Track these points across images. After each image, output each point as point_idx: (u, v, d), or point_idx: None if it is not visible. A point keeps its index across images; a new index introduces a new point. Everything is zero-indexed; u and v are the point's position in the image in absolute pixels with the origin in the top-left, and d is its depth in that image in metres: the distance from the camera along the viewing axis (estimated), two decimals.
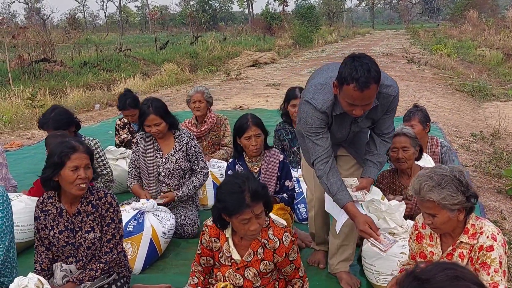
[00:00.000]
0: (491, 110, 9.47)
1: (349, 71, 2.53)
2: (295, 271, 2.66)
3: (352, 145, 3.20)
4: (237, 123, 3.73)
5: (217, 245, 2.61)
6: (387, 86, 2.79)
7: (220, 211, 2.43)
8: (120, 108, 5.20)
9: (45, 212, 2.82)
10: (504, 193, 5.01)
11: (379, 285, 3.12)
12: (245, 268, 2.57)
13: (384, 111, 2.90)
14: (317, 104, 2.79)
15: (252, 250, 2.56)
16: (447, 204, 2.25)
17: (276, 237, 2.54)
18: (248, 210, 2.36)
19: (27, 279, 2.47)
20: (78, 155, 2.66)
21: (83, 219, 2.79)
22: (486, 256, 2.31)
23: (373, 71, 2.52)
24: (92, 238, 2.79)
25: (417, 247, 2.59)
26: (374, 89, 2.57)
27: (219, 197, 2.43)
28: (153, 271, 3.57)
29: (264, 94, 11.66)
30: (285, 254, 2.55)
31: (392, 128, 3.06)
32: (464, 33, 29.63)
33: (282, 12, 38.39)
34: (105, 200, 2.81)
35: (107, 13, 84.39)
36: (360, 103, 2.61)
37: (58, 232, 2.79)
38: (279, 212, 3.60)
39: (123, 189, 4.98)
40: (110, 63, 17.17)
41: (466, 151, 6.50)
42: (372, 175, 3.03)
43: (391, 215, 3.10)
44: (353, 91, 2.54)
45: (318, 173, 2.94)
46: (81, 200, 2.79)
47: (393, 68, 15.55)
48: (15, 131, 8.80)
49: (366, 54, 2.64)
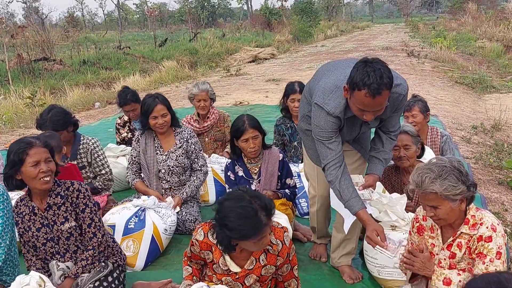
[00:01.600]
0: (491, 102, 9.46)
1: (361, 76, 2.47)
2: (291, 272, 2.60)
3: (357, 141, 3.18)
4: (233, 125, 3.68)
5: (210, 257, 2.52)
6: (396, 85, 2.72)
7: (235, 239, 2.26)
8: (121, 104, 5.18)
9: (21, 214, 2.85)
10: (505, 185, 5.01)
11: (381, 278, 3.12)
12: (246, 276, 2.50)
13: (393, 110, 2.86)
14: (329, 109, 2.73)
15: (255, 258, 2.49)
16: (449, 194, 2.25)
17: (278, 240, 2.48)
18: (266, 228, 2.28)
19: (28, 277, 2.48)
20: (36, 149, 2.66)
21: (55, 211, 2.80)
22: (483, 247, 2.32)
23: (385, 77, 2.46)
24: (68, 228, 2.80)
25: (418, 239, 2.60)
26: (386, 95, 2.52)
27: (229, 226, 2.22)
28: (155, 267, 3.57)
29: (264, 89, 11.64)
30: (287, 254, 2.51)
31: (398, 125, 3.03)
32: (463, 26, 29.53)
33: (281, 7, 38.24)
34: (73, 188, 2.82)
35: (106, 11, 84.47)
36: (371, 109, 2.57)
37: (36, 230, 2.82)
38: (281, 208, 3.60)
39: (124, 186, 4.98)
40: (110, 61, 17.16)
41: (467, 143, 6.49)
42: (377, 171, 3.01)
43: (393, 208, 3.10)
44: (364, 97, 2.49)
45: (330, 178, 2.86)
46: (49, 194, 2.80)
47: (393, 61, 15.50)
48: (15, 131, 8.80)
49: (379, 58, 2.57)
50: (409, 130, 3.44)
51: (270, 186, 3.74)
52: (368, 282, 3.23)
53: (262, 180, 3.73)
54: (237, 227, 2.20)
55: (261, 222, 2.22)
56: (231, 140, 3.74)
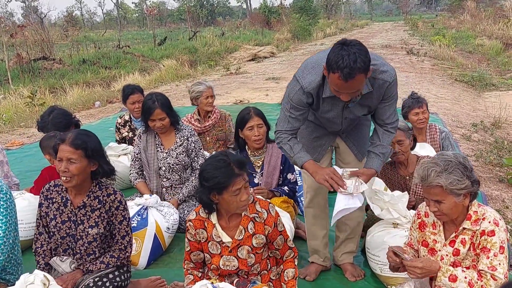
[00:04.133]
0: (491, 99, 9.47)
1: (336, 59, 2.46)
2: (285, 244, 2.69)
3: (351, 137, 3.12)
4: (239, 115, 3.76)
5: (204, 235, 2.63)
6: (382, 72, 2.70)
7: (211, 190, 2.46)
8: (129, 93, 5.18)
9: (50, 199, 2.82)
10: (506, 182, 5.03)
11: (384, 275, 3.13)
12: (238, 248, 2.59)
13: (380, 98, 2.80)
14: (303, 83, 2.76)
15: (243, 227, 2.58)
16: (454, 188, 2.26)
17: (263, 209, 2.61)
18: (239, 179, 2.44)
19: (33, 276, 2.48)
20: (63, 147, 2.65)
21: (87, 213, 2.78)
22: (487, 241, 2.33)
23: (359, 61, 2.43)
24: (95, 234, 2.78)
25: (419, 235, 2.60)
26: (360, 79, 2.50)
27: (206, 176, 2.45)
28: (158, 266, 3.58)
29: (264, 88, 11.65)
30: (274, 224, 2.61)
31: (395, 118, 2.95)
32: (462, 23, 29.51)
33: (280, 5, 38.16)
34: (114, 197, 2.81)
35: (105, 10, 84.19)
36: (345, 91, 2.57)
37: (60, 222, 2.79)
38: (282, 205, 3.61)
39: (126, 185, 4.98)
40: (109, 60, 17.11)
41: (467, 141, 6.51)
42: (374, 166, 2.90)
43: (394, 205, 3.11)
44: (338, 80, 2.50)
45: (278, 141, 2.94)
46: (88, 194, 2.78)
47: (393, 59, 15.50)
48: (15, 130, 8.80)
49: (358, 40, 2.55)
50: (400, 125, 3.43)
51: (272, 179, 3.78)
52: (370, 280, 3.25)
53: (265, 173, 3.77)
54: (212, 176, 2.43)
55: (234, 171, 2.43)
56: (235, 131, 3.79)
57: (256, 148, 3.80)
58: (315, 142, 3.14)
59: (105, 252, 2.86)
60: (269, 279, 2.70)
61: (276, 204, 3.55)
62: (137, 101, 5.18)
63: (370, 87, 2.71)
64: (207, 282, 2.48)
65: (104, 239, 2.85)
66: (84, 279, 2.74)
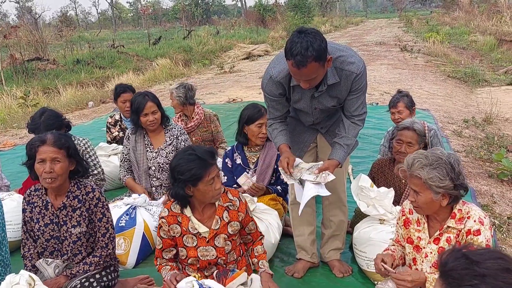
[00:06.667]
0: (483, 95, 9.50)
1: (290, 46, 2.50)
2: (256, 230, 2.83)
3: (331, 133, 3.11)
4: (247, 111, 3.80)
5: (179, 230, 2.66)
6: (350, 63, 2.71)
7: (186, 183, 2.50)
8: (120, 92, 5.17)
9: (32, 204, 2.82)
10: (495, 177, 5.05)
11: (371, 271, 3.15)
12: (215, 237, 2.65)
13: (348, 90, 2.80)
14: (273, 72, 2.83)
15: (218, 217, 2.65)
16: (433, 185, 2.28)
17: (235, 197, 2.72)
18: (213, 167, 2.52)
19: (18, 276, 2.47)
20: (45, 148, 2.63)
21: (69, 213, 2.79)
22: (473, 241, 2.33)
23: (311, 49, 2.45)
24: (78, 233, 2.79)
25: (404, 232, 2.62)
26: (313, 67, 2.50)
27: (181, 170, 2.49)
28: (147, 265, 3.58)
29: (257, 86, 11.63)
30: (245, 210, 2.73)
31: (363, 110, 2.91)
32: (456, 20, 29.59)
33: (275, 3, 38.16)
34: (93, 195, 2.81)
35: (99, 10, 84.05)
36: (301, 78, 2.60)
37: (44, 225, 2.79)
38: (270, 203, 3.63)
39: (116, 185, 4.99)
40: (103, 60, 17.07)
41: (458, 137, 6.53)
42: (338, 157, 2.86)
43: (380, 201, 3.13)
44: (292, 67, 2.54)
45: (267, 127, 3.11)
46: (67, 194, 2.79)
47: (386, 56, 15.56)
48: (8, 131, 8.79)
49: (315, 29, 2.58)
50: (418, 129, 3.37)
51: (265, 177, 3.81)
52: (357, 276, 3.27)
53: (258, 170, 3.79)
54: (187, 169, 2.47)
55: (207, 161, 2.51)
56: (240, 126, 3.83)
57: (257, 145, 3.85)
58: (297, 138, 3.18)
59: (92, 250, 2.87)
60: (244, 265, 2.79)
61: (264, 202, 3.57)
62: (128, 100, 5.16)
63: (337, 78, 2.73)
64: (193, 279, 2.48)
65: (89, 237, 2.85)
66: (70, 282, 2.74)
